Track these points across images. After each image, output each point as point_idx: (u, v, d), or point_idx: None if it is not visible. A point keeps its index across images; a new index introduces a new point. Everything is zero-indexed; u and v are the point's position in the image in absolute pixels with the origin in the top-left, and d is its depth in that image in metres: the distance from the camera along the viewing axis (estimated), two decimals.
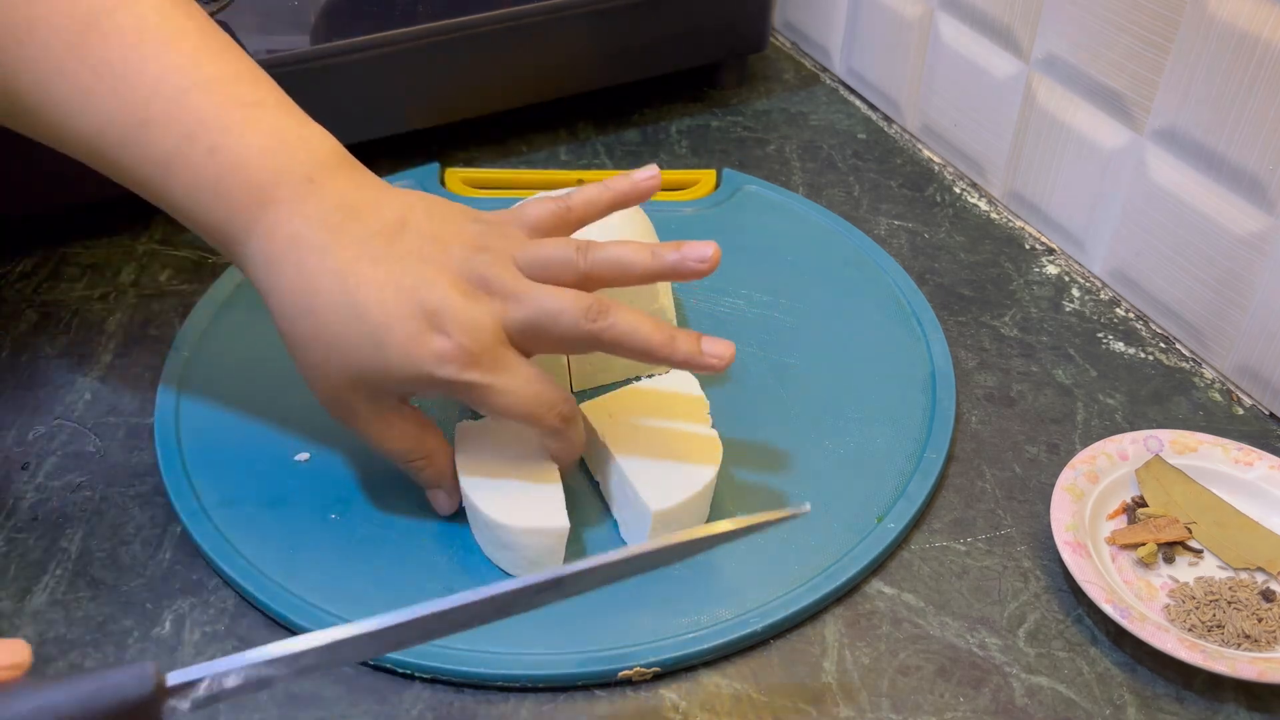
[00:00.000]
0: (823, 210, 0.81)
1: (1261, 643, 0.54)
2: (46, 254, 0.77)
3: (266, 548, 0.57)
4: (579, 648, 0.53)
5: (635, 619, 0.54)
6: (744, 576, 0.56)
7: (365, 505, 0.60)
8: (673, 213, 0.80)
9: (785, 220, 0.80)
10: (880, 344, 0.70)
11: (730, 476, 0.61)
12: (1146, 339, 0.73)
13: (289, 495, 0.60)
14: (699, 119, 0.93)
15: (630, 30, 0.87)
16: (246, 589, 0.55)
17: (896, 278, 0.75)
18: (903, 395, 0.67)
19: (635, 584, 0.55)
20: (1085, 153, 0.75)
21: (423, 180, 0.82)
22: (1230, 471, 0.61)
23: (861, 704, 0.52)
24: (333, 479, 0.61)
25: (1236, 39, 0.63)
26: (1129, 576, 0.57)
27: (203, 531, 0.58)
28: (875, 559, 0.58)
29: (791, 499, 0.60)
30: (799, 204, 0.82)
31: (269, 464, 0.61)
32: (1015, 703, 0.52)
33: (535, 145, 0.90)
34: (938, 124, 0.89)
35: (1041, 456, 0.65)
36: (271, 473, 0.61)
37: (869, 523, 0.59)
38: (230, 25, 0.80)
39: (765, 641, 0.55)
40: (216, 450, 0.62)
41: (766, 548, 0.57)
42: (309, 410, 0.63)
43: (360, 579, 0.56)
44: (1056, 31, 0.75)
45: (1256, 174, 0.65)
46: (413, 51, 0.80)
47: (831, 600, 0.56)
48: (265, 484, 0.60)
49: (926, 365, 0.69)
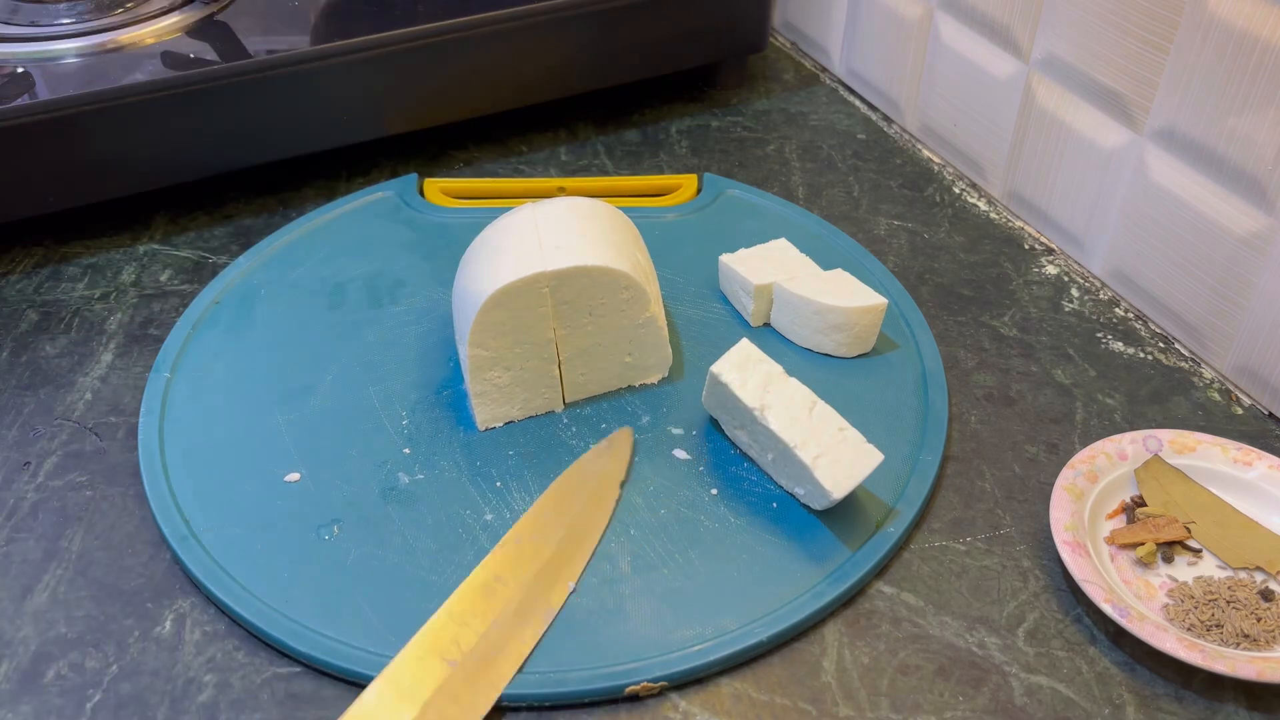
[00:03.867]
0: (805, 213, 0.81)
1: (1260, 642, 0.54)
2: (46, 254, 0.77)
3: (259, 572, 0.56)
4: (585, 665, 0.52)
5: (640, 633, 0.54)
6: (746, 585, 0.56)
7: (359, 525, 0.59)
8: (656, 218, 0.80)
9: (769, 224, 0.80)
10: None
11: None
12: (1146, 339, 0.73)
13: (280, 517, 0.59)
14: (699, 119, 0.93)
15: (630, 30, 0.87)
16: (242, 615, 0.54)
17: (883, 279, 0.75)
18: (895, 397, 0.66)
19: (638, 597, 0.55)
20: (1085, 153, 0.75)
21: (401, 191, 0.82)
22: (1229, 471, 0.61)
23: (861, 703, 0.52)
24: (324, 499, 0.60)
25: (1236, 39, 0.63)
26: (1128, 576, 0.57)
27: (194, 557, 0.57)
28: (877, 564, 0.58)
29: (790, 502, 0.60)
30: (781, 207, 0.81)
31: (258, 485, 0.60)
32: (1014, 702, 0.53)
33: (535, 145, 0.90)
34: (937, 124, 0.89)
35: (1041, 456, 0.65)
36: (261, 494, 0.60)
37: (868, 527, 0.59)
38: (230, 25, 0.80)
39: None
40: (204, 474, 0.61)
41: (766, 555, 0.57)
42: (297, 429, 0.63)
43: (357, 601, 0.55)
44: (1056, 31, 0.75)
45: (1256, 174, 0.65)
46: (412, 52, 0.80)
47: (835, 606, 0.56)
48: (255, 506, 0.59)
49: (917, 366, 0.68)
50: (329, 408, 0.65)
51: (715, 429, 0.64)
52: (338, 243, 0.77)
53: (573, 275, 0.60)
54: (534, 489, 0.60)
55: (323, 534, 0.58)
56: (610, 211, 0.66)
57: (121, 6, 0.81)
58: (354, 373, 0.67)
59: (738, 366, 0.60)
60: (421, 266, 0.75)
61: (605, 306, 0.62)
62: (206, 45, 0.78)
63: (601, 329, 0.63)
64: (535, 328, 0.61)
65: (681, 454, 0.63)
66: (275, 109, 0.78)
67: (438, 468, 0.62)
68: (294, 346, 0.69)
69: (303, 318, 0.71)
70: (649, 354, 0.66)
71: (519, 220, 0.64)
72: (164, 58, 0.76)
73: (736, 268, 0.71)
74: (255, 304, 0.72)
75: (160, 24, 0.80)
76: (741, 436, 0.62)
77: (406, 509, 0.59)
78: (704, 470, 0.62)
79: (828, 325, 0.68)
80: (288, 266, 0.75)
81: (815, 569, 0.57)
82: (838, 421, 0.58)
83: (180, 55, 0.76)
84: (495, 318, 0.60)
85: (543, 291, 0.60)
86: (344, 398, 0.66)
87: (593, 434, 0.64)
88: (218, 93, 0.75)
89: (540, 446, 0.63)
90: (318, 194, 0.83)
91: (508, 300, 0.60)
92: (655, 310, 0.64)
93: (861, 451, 0.57)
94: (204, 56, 0.76)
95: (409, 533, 0.58)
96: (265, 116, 0.78)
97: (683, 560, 0.57)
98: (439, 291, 0.73)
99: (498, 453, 0.63)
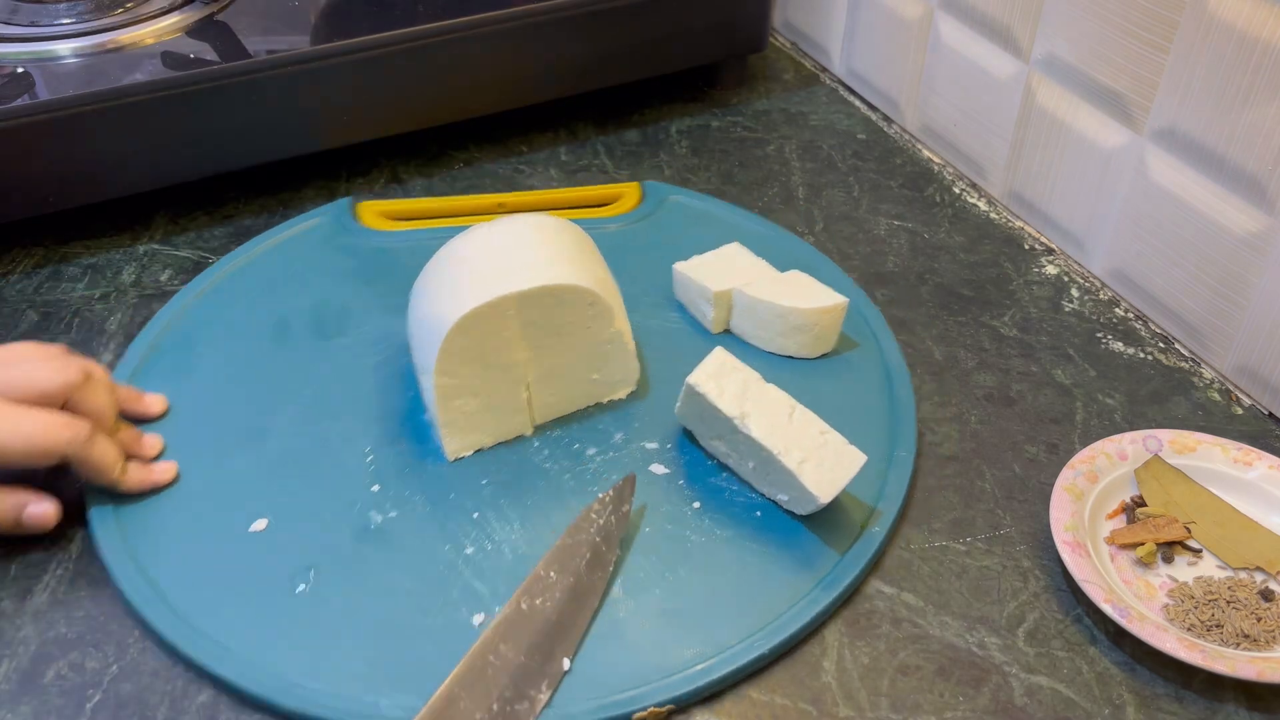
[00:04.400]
0: (750, 215, 0.80)
1: (1261, 642, 0.54)
2: (46, 254, 0.77)
3: (236, 629, 0.53)
4: (589, 695, 0.51)
5: (641, 657, 0.53)
6: (740, 598, 0.55)
7: (335, 570, 0.56)
8: (598, 229, 0.77)
9: (716, 229, 0.78)
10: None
11: None
12: (1146, 339, 0.73)
13: (251, 568, 0.56)
14: (699, 119, 0.93)
15: (630, 30, 0.87)
16: (224, 677, 0.52)
17: (836, 277, 0.74)
18: (861, 395, 0.66)
19: (634, 620, 0.54)
20: (1085, 153, 0.75)
21: (335, 216, 0.78)
22: (1229, 471, 0.61)
23: (861, 704, 0.52)
24: (295, 545, 0.57)
25: (1236, 39, 0.63)
26: (1128, 576, 0.57)
27: (164, 621, 0.53)
28: (868, 564, 0.57)
29: (773, 510, 0.60)
30: (726, 211, 0.80)
31: (223, 537, 0.57)
32: (1014, 702, 0.53)
33: (535, 145, 0.90)
34: (938, 124, 0.89)
35: (1041, 456, 0.65)
36: (228, 547, 0.57)
37: (853, 529, 0.59)
38: (230, 25, 0.80)
39: None
40: (163, 530, 0.57)
41: (756, 566, 0.57)
42: (256, 474, 0.60)
43: (344, 649, 0.53)
44: (1056, 31, 0.75)
45: (1256, 174, 0.65)
46: (412, 52, 0.80)
47: (833, 610, 0.56)
48: (223, 560, 0.56)
49: (880, 363, 0.68)
50: (287, 449, 0.62)
51: (689, 440, 0.63)
52: (275, 276, 0.74)
53: (539, 295, 0.59)
54: (512, 517, 0.59)
55: (298, 582, 0.55)
56: (567, 226, 0.64)
57: (121, 6, 0.81)
58: (309, 411, 0.64)
59: (714, 376, 0.59)
60: (366, 294, 0.72)
61: (572, 324, 0.61)
62: (206, 45, 0.78)
63: (569, 347, 0.62)
64: (502, 351, 0.60)
65: (659, 469, 0.62)
66: (275, 109, 0.78)
67: (410, 504, 0.59)
68: (241, 387, 0.65)
69: (248, 356, 0.68)
70: (616, 369, 0.64)
71: (474, 241, 0.62)
72: (164, 58, 0.76)
73: (693, 275, 0.70)
74: (194, 346, 0.68)
75: (160, 24, 0.80)
76: (719, 446, 0.61)
77: (383, 549, 0.57)
78: (684, 484, 0.61)
79: (790, 327, 0.67)
80: (224, 304, 0.71)
81: (807, 576, 0.56)
82: (818, 425, 0.58)
83: (180, 55, 0.76)
84: (461, 344, 0.58)
85: (509, 314, 0.58)
86: (302, 437, 0.62)
87: (565, 455, 0.62)
88: (218, 93, 0.75)
89: (514, 473, 0.61)
90: (318, 194, 0.83)
91: (474, 325, 0.58)
92: (621, 325, 0.63)
93: (844, 454, 0.57)
94: (204, 56, 0.76)
95: (389, 574, 0.56)
96: (265, 116, 0.78)
97: (674, 578, 0.56)
98: (389, 319, 0.70)
99: (471, 483, 0.60)
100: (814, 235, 0.81)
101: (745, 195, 0.84)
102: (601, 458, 0.62)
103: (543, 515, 0.59)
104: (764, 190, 0.85)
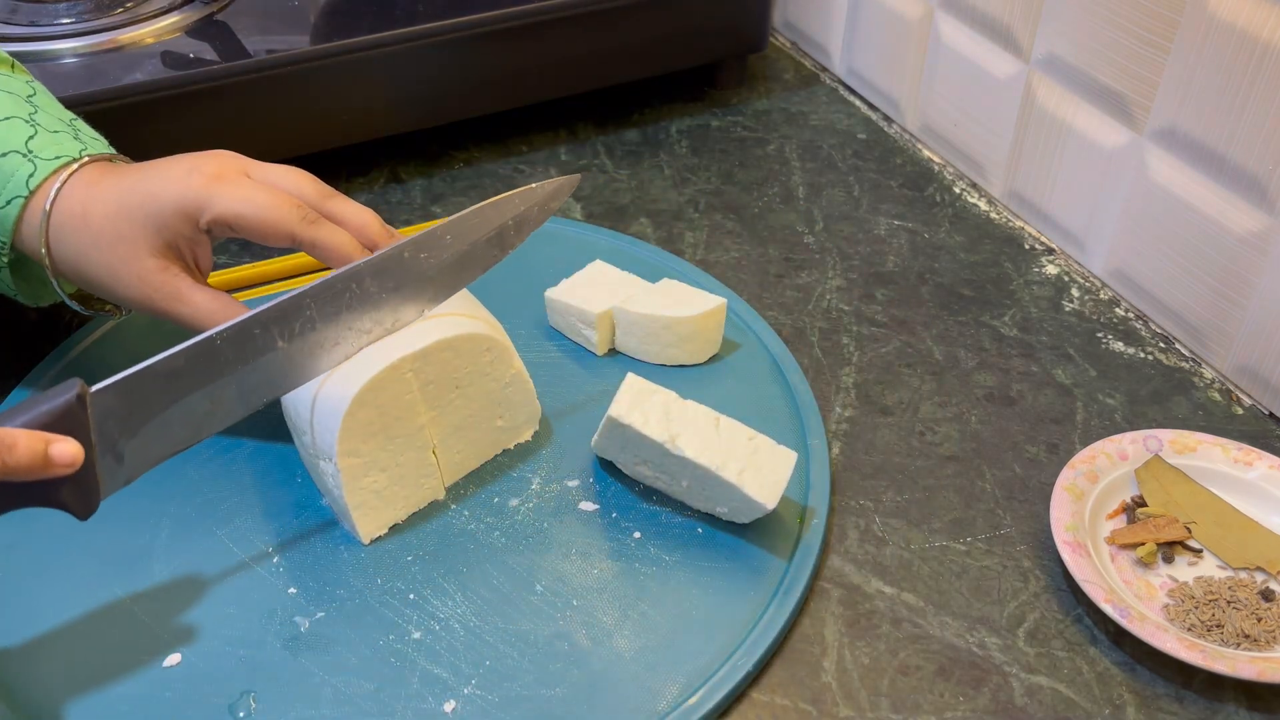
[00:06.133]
0: (596, 229, 0.78)
1: (1261, 642, 0.54)
2: None
3: None
4: None
5: (632, 705, 0.51)
6: (708, 621, 0.54)
7: (275, 689, 0.51)
8: None
9: (566, 248, 0.76)
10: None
11: None
12: (1146, 339, 0.73)
13: (180, 709, 0.50)
14: (699, 119, 0.93)
15: (630, 30, 0.87)
16: None
17: (702, 279, 0.74)
18: (758, 391, 0.66)
19: (611, 669, 0.52)
20: (1085, 153, 0.75)
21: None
22: (1230, 471, 0.61)
23: (861, 704, 0.52)
24: (221, 672, 0.51)
25: (1236, 39, 0.63)
26: (1128, 576, 0.57)
27: None
28: (820, 551, 0.57)
29: (712, 523, 0.59)
30: (569, 227, 0.78)
31: (138, 681, 0.51)
32: (1015, 702, 0.52)
33: (535, 145, 0.90)
34: (938, 124, 0.89)
35: (1041, 456, 0.65)
36: (145, 690, 0.50)
37: (793, 525, 0.58)
38: (230, 25, 0.80)
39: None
40: (64, 680, 0.51)
41: (713, 584, 0.56)
42: (150, 603, 0.54)
43: None
44: (1056, 31, 0.75)
45: (1256, 174, 0.65)
46: (413, 52, 0.80)
47: (804, 601, 0.56)
48: (144, 706, 0.50)
49: (765, 357, 0.68)
50: (179, 567, 0.56)
51: (607, 470, 0.61)
52: (107, 374, 0.55)
53: (435, 351, 0.56)
54: (451, 590, 0.55)
55: (238, 711, 0.50)
56: None
57: (121, 6, 0.81)
58: (190, 520, 0.58)
59: (634, 404, 0.57)
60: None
61: (470, 373, 0.58)
62: (206, 45, 0.78)
63: (470, 398, 0.59)
64: (405, 418, 0.56)
65: (588, 505, 0.60)
66: (275, 109, 0.78)
67: (336, 599, 0.55)
68: (108, 507, 0.51)
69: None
70: (520, 411, 0.62)
71: None
72: (164, 58, 0.76)
73: (569, 300, 0.68)
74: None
75: (160, 24, 0.80)
76: (644, 471, 0.59)
77: (322, 654, 0.52)
78: (617, 516, 0.59)
79: (677, 337, 0.67)
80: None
81: (763, 581, 0.56)
82: (745, 432, 0.57)
83: (180, 55, 0.76)
84: (363, 418, 0.54)
85: (406, 377, 0.55)
86: (192, 552, 0.56)
87: (488, 512, 0.59)
88: (218, 93, 0.75)
89: (439, 542, 0.58)
90: None
91: (373, 396, 0.54)
92: (518, 364, 0.61)
93: (776, 455, 0.57)
94: (204, 56, 0.76)
95: (338, 679, 0.51)
96: (265, 116, 0.78)
97: (638, 616, 0.54)
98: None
99: (395, 564, 0.56)
100: (814, 235, 0.81)
101: (745, 195, 0.84)
102: (525, 506, 0.60)
103: (482, 579, 0.56)
104: (764, 190, 0.85)
